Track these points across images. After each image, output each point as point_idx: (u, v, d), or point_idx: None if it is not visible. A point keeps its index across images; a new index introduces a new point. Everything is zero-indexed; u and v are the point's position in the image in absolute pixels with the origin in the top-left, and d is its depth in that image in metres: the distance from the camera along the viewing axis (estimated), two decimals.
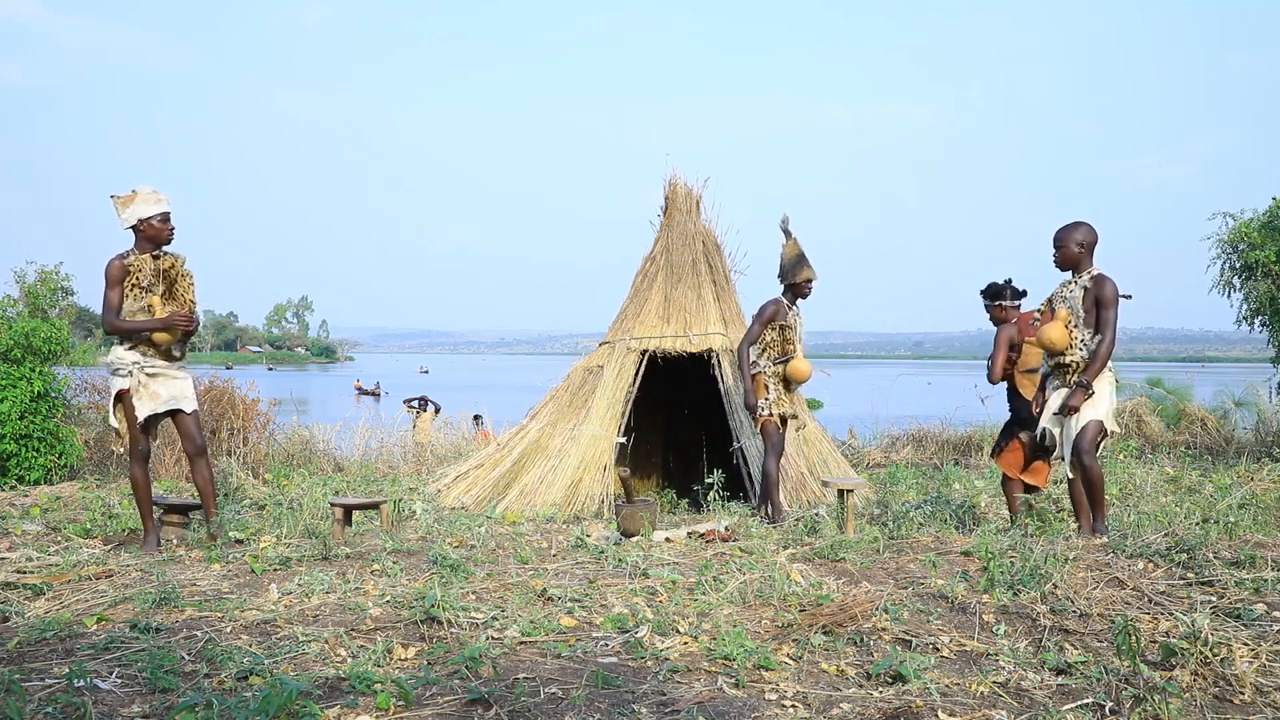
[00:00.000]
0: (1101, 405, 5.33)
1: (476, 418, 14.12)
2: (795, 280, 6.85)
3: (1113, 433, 5.55)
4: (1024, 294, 6.08)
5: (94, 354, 11.25)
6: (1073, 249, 5.41)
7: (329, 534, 5.36)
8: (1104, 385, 5.36)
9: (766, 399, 6.79)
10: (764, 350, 6.89)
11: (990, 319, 6.16)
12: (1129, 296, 5.41)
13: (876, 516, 6.48)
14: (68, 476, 8.64)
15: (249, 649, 3.33)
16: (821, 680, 3.14)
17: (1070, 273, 5.49)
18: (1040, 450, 5.82)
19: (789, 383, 6.83)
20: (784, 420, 6.84)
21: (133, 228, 5.28)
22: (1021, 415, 5.82)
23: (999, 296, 6.04)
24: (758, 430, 7.00)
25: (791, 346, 6.81)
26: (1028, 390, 5.85)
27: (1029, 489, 5.97)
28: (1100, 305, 5.31)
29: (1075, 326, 5.39)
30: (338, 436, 11.83)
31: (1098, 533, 5.24)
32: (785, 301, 6.88)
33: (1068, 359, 5.40)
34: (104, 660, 3.21)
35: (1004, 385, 6.13)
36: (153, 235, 5.29)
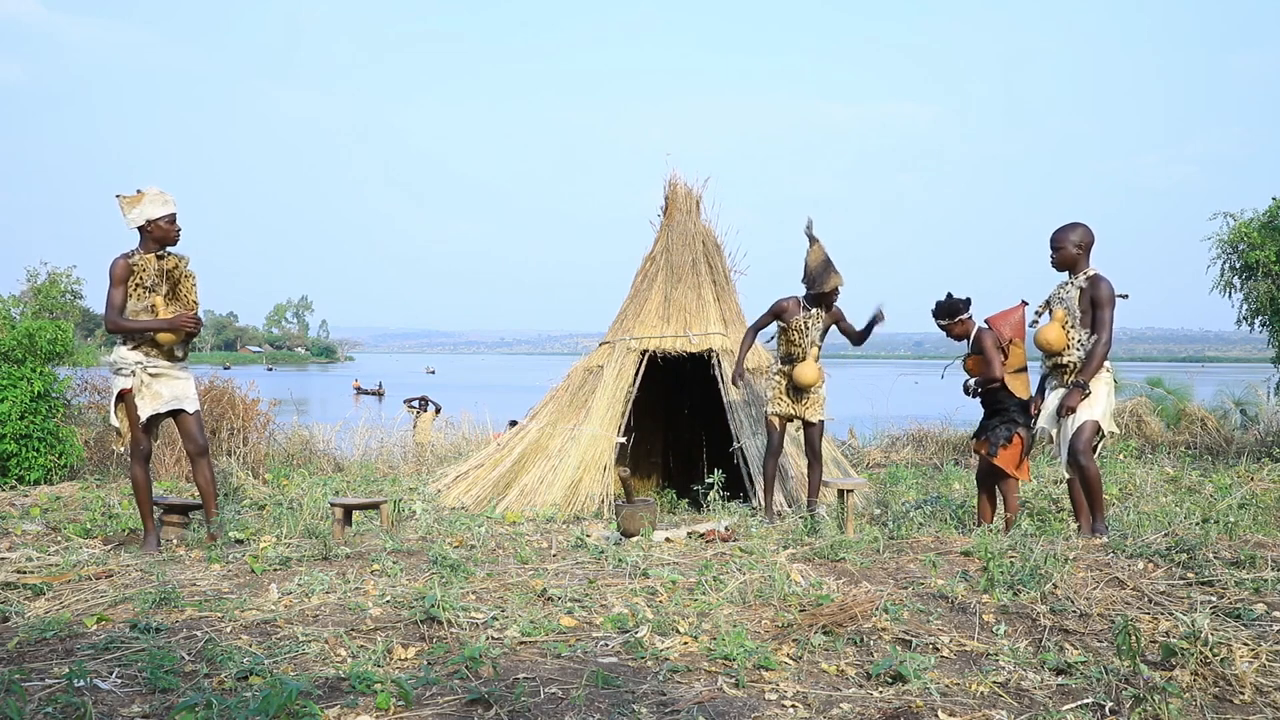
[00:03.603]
0: (1098, 405, 5.34)
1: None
2: (823, 289, 6.69)
3: (1112, 433, 5.55)
4: (969, 300, 6.06)
5: (95, 354, 11.25)
6: (1070, 250, 5.42)
7: (329, 534, 5.36)
8: (1101, 386, 5.36)
9: (765, 397, 6.85)
10: (777, 347, 6.94)
11: (952, 336, 6.05)
12: (1126, 296, 5.42)
13: (876, 516, 6.48)
14: (68, 476, 8.64)
15: (249, 649, 3.33)
16: (821, 680, 3.14)
17: (1067, 273, 5.51)
18: (1031, 446, 5.83)
19: (796, 386, 6.78)
20: (803, 424, 6.85)
21: (140, 228, 5.30)
22: (1012, 413, 5.82)
23: (956, 312, 5.99)
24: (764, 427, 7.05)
25: (797, 349, 6.73)
26: (1019, 389, 5.84)
27: (990, 489, 5.95)
28: (1096, 305, 5.32)
29: (1072, 327, 5.40)
30: (338, 436, 11.83)
31: (1097, 533, 5.24)
32: (802, 303, 6.78)
33: (1065, 359, 5.41)
34: (104, 660, 3.21)
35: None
36: (160, 236, 5.30)
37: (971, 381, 5.97)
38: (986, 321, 5.89)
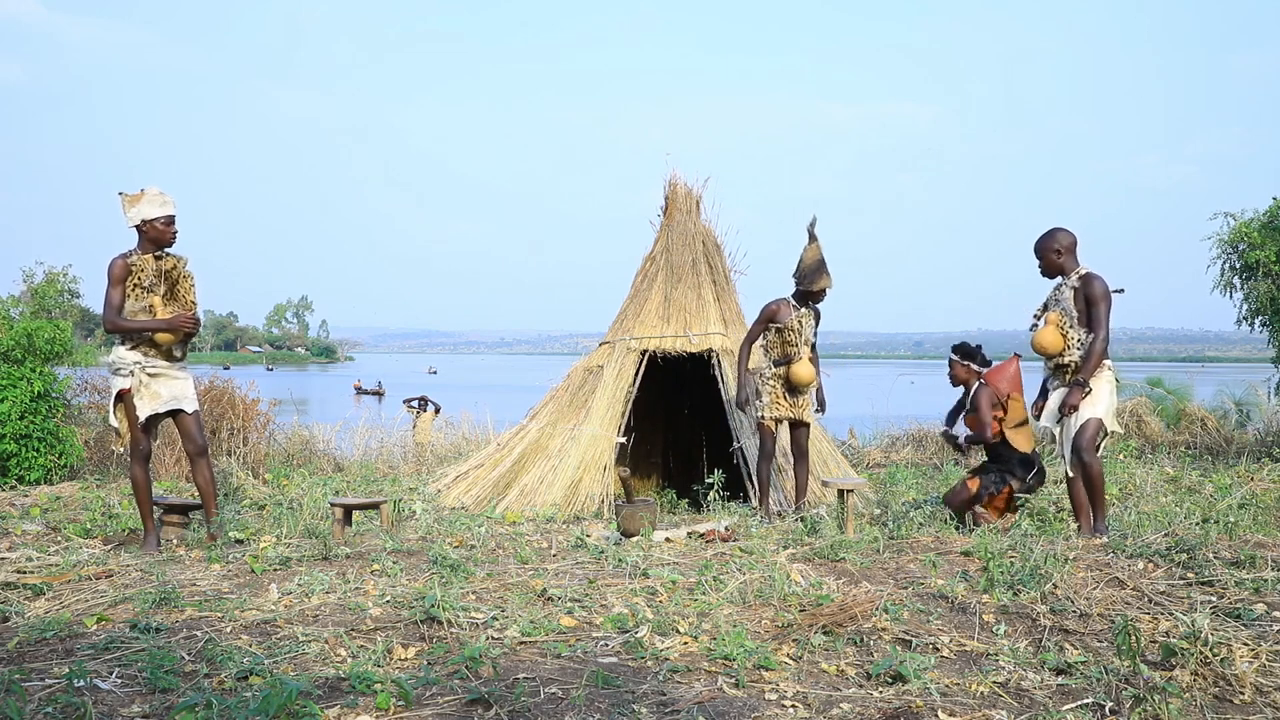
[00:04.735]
0: (1100, 403, 5.34)
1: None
2: (811, 288, 6.74)
3: (1114, 432, 5.56)
4: (989, 363, 6.18)
5: (95, 354, 11.25)
6: (1053, 257, 5.49)
7: (329, 534, 5.36)
8: (1102, 384, 5.37)
9: (760, 401, 6.79)
10: (767, 351, 6.88)
11: (951, 375, 6.24)
12: (1121, 290, 5.45)
13: (876, 516, 6.48)
14: (68, 476, 8.64)
15: (249, 649, 3.33)
16: (821, 680, 3.14)
17: (1059, 277, 5.54)
18: (1024, 493, 5.91)
19: (792, 386, 6.78)
20: (793, 425, 6.82)
21: (136, 227, 5.29)
22: (1012, 465, 5.94)
23: (971, 357, 6.16)
24: (755, 430, 7.01)
25: (793, 349, 6.73)
26: (1021, 443, 5.93)
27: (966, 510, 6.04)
28: (1090, 303, 5.34)
29: (1070, 328, 5.41)
30: (338, 436, 11.82)
31: (1098, 533, 5.25)
32: (792, 303, 6.78)
33: (1065, 360, 5.43)
34: (104, 660, 3.21)
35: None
36: (155, 237, 5.30)
37: (963, 439, 6.09)
38: (983, 379, 5.99)
